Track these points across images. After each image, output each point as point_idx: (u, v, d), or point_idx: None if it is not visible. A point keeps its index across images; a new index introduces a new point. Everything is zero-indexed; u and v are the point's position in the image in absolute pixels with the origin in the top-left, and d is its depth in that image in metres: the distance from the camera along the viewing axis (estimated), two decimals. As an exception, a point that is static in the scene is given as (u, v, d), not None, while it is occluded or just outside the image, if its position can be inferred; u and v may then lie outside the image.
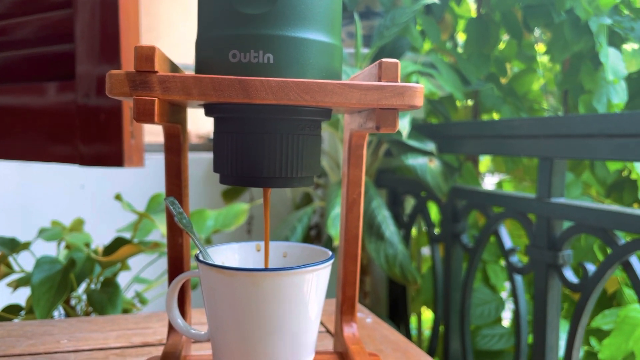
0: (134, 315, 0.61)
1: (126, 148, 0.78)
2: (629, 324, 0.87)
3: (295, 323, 0.35)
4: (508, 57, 1.33)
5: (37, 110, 0.87)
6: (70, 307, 0.93)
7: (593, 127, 0.78)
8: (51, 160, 0.85)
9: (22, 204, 1.29)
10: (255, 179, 0.34)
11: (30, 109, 0.87)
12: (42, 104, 0.86)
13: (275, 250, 0.42)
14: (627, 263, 0.75)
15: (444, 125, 1.17)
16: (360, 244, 0.43)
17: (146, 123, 0.30)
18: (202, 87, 0.31)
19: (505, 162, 1.36)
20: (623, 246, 0.75)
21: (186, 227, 0.38)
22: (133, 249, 0.79)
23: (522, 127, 0.92)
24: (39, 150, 0.87)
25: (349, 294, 0.43)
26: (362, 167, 0.41)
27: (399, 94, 0.32)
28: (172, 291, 0.39)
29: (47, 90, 0.86)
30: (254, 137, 0.34)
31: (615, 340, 0.87)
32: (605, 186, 1.16)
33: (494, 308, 1.19)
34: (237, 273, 0.34)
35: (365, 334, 0.55)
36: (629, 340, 0.86)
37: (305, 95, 0.31)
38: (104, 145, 0.79)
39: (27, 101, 0.88)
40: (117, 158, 0.78)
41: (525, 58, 1.32)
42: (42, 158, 0.86)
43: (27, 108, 0.88)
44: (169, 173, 0.40)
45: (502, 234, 0.99)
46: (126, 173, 1.38)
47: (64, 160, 0.83)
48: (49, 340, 0.52)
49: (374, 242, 1.13)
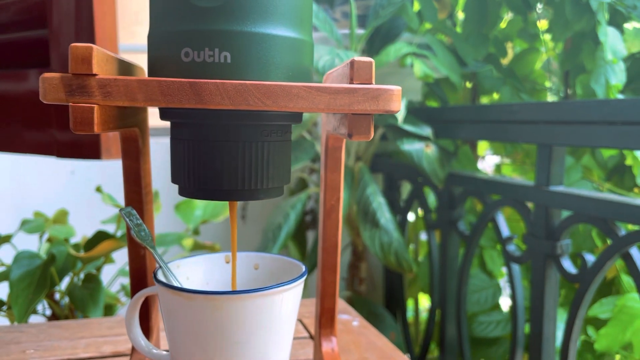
0: (108, 319, 0.58)
1: (103, 139, 0.75)
2: (626, 313, 0.84)
3: (263, 348, 0.32)
4: (509, 36, 1.28)
5: (12, 98, 0.83)
6: (55, 302, 0.90)
7: (594, 113, 0.75)
8: (27, 151, 0.81)
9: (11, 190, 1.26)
10: (216, 191, 0.31)
11: (4, 96, 0.83)
12: (17, 92, 0.82)
13: (245, 262, 0.39)
14: (627, 254, 0.72)
15: (440, 109, 1.13)
16: (340, 252, 0.39)
17: (85, 133, 0.26)
18: (148, 92, 0.27)
19: (504, 146, 1.32)
20: (623, 237, 0.72)
21: (144, 240, 0.34)
22: (113, 244, 0.76)
23: (521, 112, 0.88)
24: (14, 140, 0.83)
25: (328, 306, 0.40)
26: (341, 171, 0.38)
27: (372, 97, 0.28)
28: (132, 308, 0.35)
29: (21, 78, 0.82)
30: (212, 145, 0.30)
31: (612, 330, 0.85)
32: (605, 170, 1.12)
33: (490, 295, 1.17)
34: (196, 296, 0.30)
35: (350, 340, 0.52)
36: (626, 330, 0.84)
37: (266, 100, 0.27)
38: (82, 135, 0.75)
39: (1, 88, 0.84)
40: (94, 150, 0.74)
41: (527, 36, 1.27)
42: (18, 149, 0.83)
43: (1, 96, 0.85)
44: (127, 180, 0.36)
45: (500, 222, 0.96)
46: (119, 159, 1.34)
47: (41, 151, 0.80)
48: (14, 350, 0.49)
49: (368, 230, 1.10)
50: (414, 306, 1.40)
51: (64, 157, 0.76)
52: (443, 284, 1.13)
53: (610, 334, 0.84)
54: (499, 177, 1.01)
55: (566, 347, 0.80)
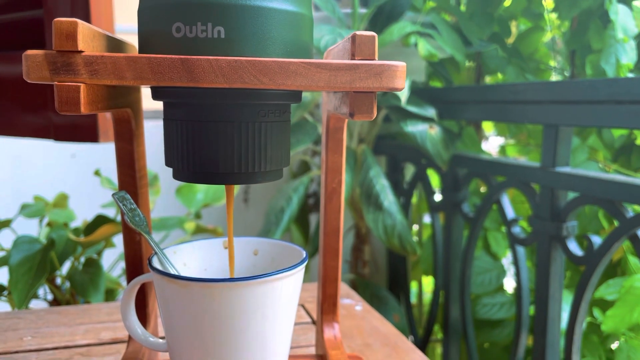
0: (107, 305, 0.57)
1: (101, 122, 0.73)
2: (633, 294, 0.83)
3: (262, 336, 0.31)
4: (514, 15, 1.26)
5: (7, 80, 0.81)
6: (56, 287, 0.90)
7: (601, 92, 0.73)
8: (25, 134, 0.80)
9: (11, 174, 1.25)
10: (211, 175, 0.29)
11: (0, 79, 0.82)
12: (12, 74, 0.81)
13: (245, 247, 0.38)
14: (635, 236, 0.71)
15: (444, 90, 1.11)
16: (342, 236, 0.38)
17: (71, 113, 0.25)
18: (137, 69, 0.25)
19: (508, 127, 1.30)
20: (631, 219, 0.70)
21: (139, 226, 0.33)
22: (114, 228, 0.75)
23: (526, 92, 0.86)
24: (11, 124, 0.82)
25: (330, 291, 0.39)
26: (342, 153, 0.36)
27: (375, 74, 0.26)
28: (127, 296, 0.34)
29: (16, 60, 0.80)
30: (207, 127, 0.29)
31: (619, 311, 0.84)
32: (612, 151, 1.11)
33: (494, 276, 1.16)
34: (191, 284, 0.29)
35: (353, 325, 0.51)
36: (633, 311, 0.83)
37: (262, 78, 0.26)
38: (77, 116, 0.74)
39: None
40: (91, 132, 0.73)
41: (532, 15, 1.24)
42: (16, 132, 0.81)
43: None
44: (121, 162, 0.35)
45: (504, 204, 0.94)
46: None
47: (38, 135, 0.78)
48: (11, 337, 0.49)
49: (372, 213, 1.09)
50: (417, 288, 1.39)
51: (61, 140, 0.74)
52: (447, 266, 1.12)
53: (617, 315, 0.83)
54: (504, 159, 1.00)
55: (572, 329, 0.79)
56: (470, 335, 1.06)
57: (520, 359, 0.92)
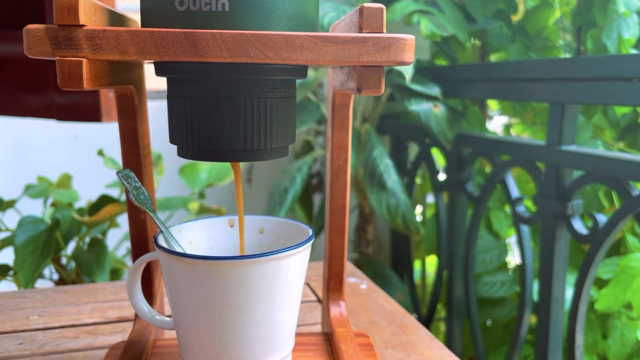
0: (113, 284, 0.57)
1: (104, 101, 0.73)
2: (628, 273, 0.83)
3: (268, 315, 0.31)
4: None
5: (8, 59, 0.81)
6: (61, 267, 0.90)
7: (609, 69, 0.72)
8: (28, 114, 0.80)
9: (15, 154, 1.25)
10: (216, 152, 0.29)
11: (2, 58, 0.81)
12: (13, 53, 0.80)
13: (251, 225, 0.37)
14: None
15: (449, 68, 1.10)
16: (348, 214, 0.38)
17: (74, 89, 0.24)
18: (140, 44, 0.25)
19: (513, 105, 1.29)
20: (637, 197, 0.70)
21: (144, 204, 0.33)
22: (118, 208, 0.74)
23: (532, 70, 0.85)
24: (14, 104, 0.81)
25: (336, 270, 0.39)
26: (348, 130, 0.36)
27: (384, 47, 0.26)
28: (133, 275, 0.34)
29: (17, 38, 0.79)
30: (212, 103, 0.28)
31: (613, 290, 0.84)
32: (618, 129, 1.10)
33: (496, 255, 1.16)
34: (198, 262, 0.29)
35: (359, 303, 0.52)
36: (627, 290, 0.83)
37: (268, 52, 0.25)
38: (80, 96, 0.73)
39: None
40: (94, 112, 0.73)
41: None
42: (18, 112, 0.81)
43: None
44: (125, 140, 0.35)
45: (509, 183, 0.94)
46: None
47: (41, 115, 0.78)
48: (18, 316, 0.49)
49: (375, 193, 1.08)
50: (420, 267, 1.39)
51: (63, 120, 0.74)
52: (450, 246, 1.12)
53: (611, 294, 0.83)
54: (509, 137, 0.99)
55: (575, 307, 0.79)
56: (473, 314, 1.07)
57: (523, 337, 0.93)
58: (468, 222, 1.07)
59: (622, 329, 0.91)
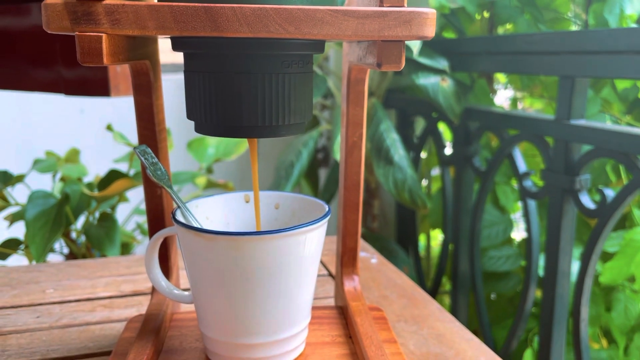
0: (126, 258, 0.58)
1: (112, 76, 0.73)
2: (632, 247, 0.84)
3: (285, 289, 0.31)
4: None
5: (16, 33, 0.80)
6: (71, 241, 0.91)
7: (620, 42, 0.71)
8: (35, 88, 0.79)
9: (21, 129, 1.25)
10: (234, 128, 0.29)
11: (7, 32, 0.81)
12: (20, 26, 0.79)
13: (266, 201, 0.38)
14: (650, 190, 0.71)
15: (457, 40, 1.09)
16: (362, 190, 0.38)
17: (93, 65, 0.24)
18: (160, 19, 0.25)
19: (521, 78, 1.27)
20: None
21: (161, 179, 0.33)
22: (127, 183, 0.75)
23: (542, 43, 0.84)
24: (21, 78, 0.81)
25: (350, 245, 0.39)
26: (364, 106, 0.36)
27: (405, 22, 0.25)
28: (151, 249, 0.35)
29: (24, 12, 0.79)
30: (230, 78, 0.28)
31: (618, 264, 0.85)
32: (626, 103, 1.09)
33: (502, 230, 1.16)
34: (217, 237, 0.29)
35: (369, 277, 0.52)
36: (631, 263, 0.84)
37: (288, 26, 0.25)
38: (88, 70, 0.73)
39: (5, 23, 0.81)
40: (102, 87, 0.72)
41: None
42: (26, 86, 0.81)
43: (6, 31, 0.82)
44: (140, 116, 0.35)
45: (517, 157, 0.94)
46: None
47: (48, 89, 0.78)
48: (34, 289, 0.50)
49: (382, 167, 1.08)
50: (425, 241, 1.40)
51: (71, 95, 0.74)
52: (456, 220, 1.12)
53: (615, 267, 0.84)
54: (517, 111, 0.98)
55: (581, 281, 0.80)
56: (478, 288, 1.08)
57: (528, 310, 0.94)
58: (474, 197, 1.07)
59: (626, 302, 0.92)
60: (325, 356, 0.35)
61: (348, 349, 0.35)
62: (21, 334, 0.42)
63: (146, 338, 0.34)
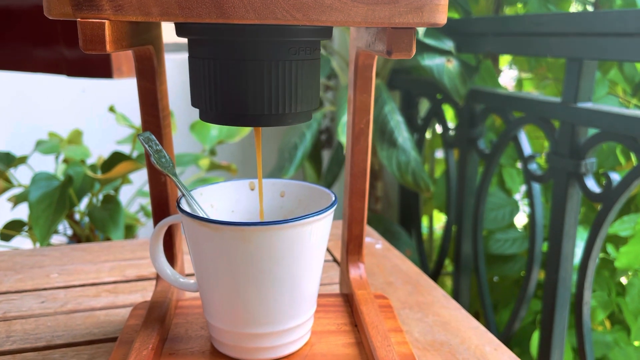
0: (130, 242, 0.57)
1: (114, 57, 0.72)
2: None
3: (292, 279, 0.31)
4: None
5: (16, 13, 0.79)
6: (75, 222, 0.91)
7: (630, 24, 0.70)
8: (37, 70, 0.78)
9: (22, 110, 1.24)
10: (240, 116, 0.28)
11: (9, 12, 0.79)
12: (23, 6, 0.78)
13: (271, 189, 0.37)
14: (656, 174, 0.70)
15: (463, 21, 1.07)
16: (369, 175, 0.38)
17: (96, 52, 0.24)
18: (164, 4, 0.24)
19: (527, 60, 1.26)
20: (654, 156, 0.69)
21: (165, 167, 0.33)
22: (130, 165, 0.74)
23: (550, 24, 0.83)
24: (23, 59, 0.80)
25: (356, 232, 0.39)
26: (371, 92, 0.35)
27: (416, 8, 0.25)
28: (155, 238, 0.34)
29: (23, -9, 0.77)
30: (235, 65, 0.27)
31: (634, 248, 0.84)
32: (633, 84, 1.07)
33: (508, 212, 1.16)
34: (223, 227, 0.29)
35: (374, 264, 0.52)
36: None
37: (296, 13, 0.24)
38: (90, 53, 0.72)
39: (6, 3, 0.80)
40: (104, 68, 0.71)
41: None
42: (27, 67, 0.80)
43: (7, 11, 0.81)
44: (144, 103, 0.34)
45: (522, 140, 0.93)
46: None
47: (50, 70, 0.77)
48: (38, 274, 0.49)
49: (385, 149, 1.08)
50: (428, 223, 1.40)
51: (74, 76, 0.73)
52: (460, 202, 1.12)
53: (631, 251, 0.83)
54: (522, 93, 0.97)
55: (585, 265, 0.79)
56: (481, 270, 1.08)
57: (530, 293, 0.94)
58: (478, 179, 1.07)
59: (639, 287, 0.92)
60: (331, 345, 0.35)
61: (354, 338, 0.35)
62: (26, 319, 0.42)
63: (151, 326, 0.34)
